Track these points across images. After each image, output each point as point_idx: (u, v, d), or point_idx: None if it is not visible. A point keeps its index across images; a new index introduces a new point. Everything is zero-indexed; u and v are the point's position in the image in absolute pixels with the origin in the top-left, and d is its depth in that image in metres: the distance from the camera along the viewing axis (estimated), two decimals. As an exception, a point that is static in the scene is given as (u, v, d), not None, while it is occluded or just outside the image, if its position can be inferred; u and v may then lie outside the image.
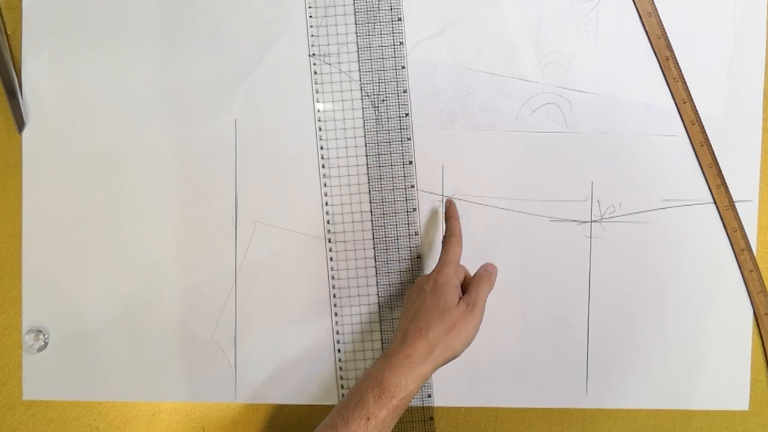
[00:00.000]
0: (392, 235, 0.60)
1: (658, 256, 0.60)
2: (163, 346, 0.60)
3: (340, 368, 0.60)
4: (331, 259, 0.60)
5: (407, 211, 0.60)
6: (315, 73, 0.59)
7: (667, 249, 0.60)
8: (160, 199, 0.60)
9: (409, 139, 0.59)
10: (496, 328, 0.60)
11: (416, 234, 0.60)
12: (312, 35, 0.59)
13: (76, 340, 0.60)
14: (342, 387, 0.60)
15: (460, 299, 0.52)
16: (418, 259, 0.60)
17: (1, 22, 0.59)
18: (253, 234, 0.60)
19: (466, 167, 0.60)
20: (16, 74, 0.59)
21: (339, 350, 0.60)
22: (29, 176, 0.60)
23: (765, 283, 0.60)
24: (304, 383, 0.60)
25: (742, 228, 0.60)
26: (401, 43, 0.59)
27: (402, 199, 0.60)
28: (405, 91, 0.59)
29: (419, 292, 0.53)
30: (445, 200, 0.59)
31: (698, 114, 0.59)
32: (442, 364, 0.51)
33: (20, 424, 0.60)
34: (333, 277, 0.60)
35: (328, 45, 0.59)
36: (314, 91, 0.59)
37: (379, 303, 0.60)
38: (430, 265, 0.60)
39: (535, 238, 0.60)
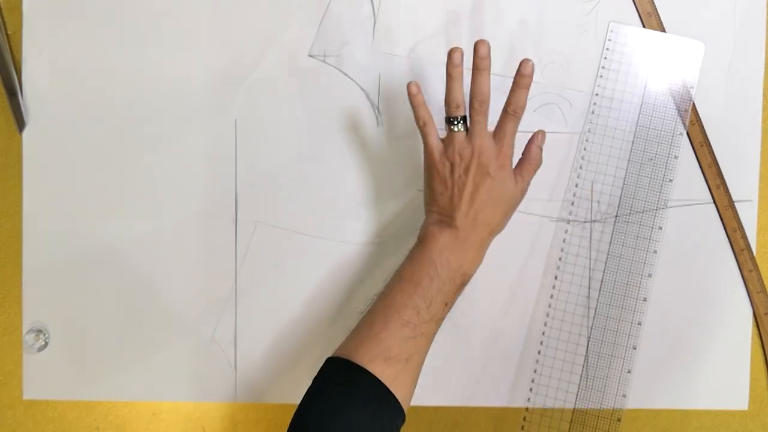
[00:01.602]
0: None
1: (658, 256, 0.60)
2: (163, 346, 0.60)
3: (340, 368, 0.60)
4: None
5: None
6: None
7: (667, 249, 0.60)
8: (160, 199, 0.60)
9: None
10: (496, 328, 0.60)
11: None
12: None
13: (76, 340, 0.60)
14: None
15: (516, 179, 0.53)
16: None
17: (2, 22, 0.59)
18: (253, 234, 0.60)
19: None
20: (16, 74, 0.59)
21: (339, 350, 0.60)
22: (29, 176, 0.60)
23: (765, 283, 0.60)
24: (304, 383, 0.60)
25: (742, 228, 0.60)
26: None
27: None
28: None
29: (483, 174, 0.51)
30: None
31: (698, 114, 0.59)
32: None
33: (20, 424, 0.60)
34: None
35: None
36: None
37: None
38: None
39: (535, 238, 0.60)
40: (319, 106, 0.60)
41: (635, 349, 0.59)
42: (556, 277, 0.60)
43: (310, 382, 0.50)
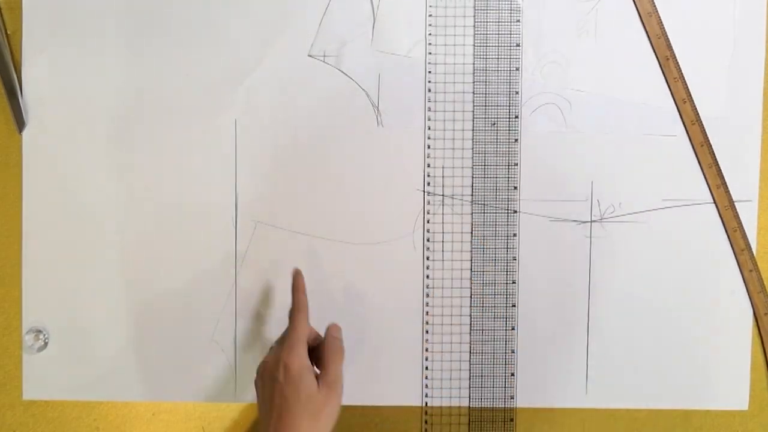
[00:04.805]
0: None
1: (658, 256, 0.60)
2: (163, 346, 0.60)
3: (340, 368, 0.60)
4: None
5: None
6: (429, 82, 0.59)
7: (667, 249, 0.60)
8: (159, 199, 0.60)
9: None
10: (496, 328, 0.60)
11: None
12: (430, 43, 0.59)
13: (76, 340, 0.60)
14: (342, 387, 0.60)
15: (318, 381, 0.51)
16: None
17: (2, 22, 0.59)
18: (253, 234, 0.60)
19: (466, 167, 0.60)
20: (16, 74, 0.59)
21: (339, 350, 0.60)
22: (29, 176, 0.60)
23: (765, 283, 0.60)
24: (304, 383, 0.60)
25: (742, 228, 0.60)
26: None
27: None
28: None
29: (273, 382, 0.50)
30: (293, 270, 0.58)
31: (698, 114, 0.59)
32: None
33: (20, 424, 0.61)
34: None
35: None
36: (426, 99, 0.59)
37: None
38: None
39: (535, 238, 0.60)
40: (319, 106, 0.60)
41: (513, 352, 0.60)
42: (428, 267, 0.60)
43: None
